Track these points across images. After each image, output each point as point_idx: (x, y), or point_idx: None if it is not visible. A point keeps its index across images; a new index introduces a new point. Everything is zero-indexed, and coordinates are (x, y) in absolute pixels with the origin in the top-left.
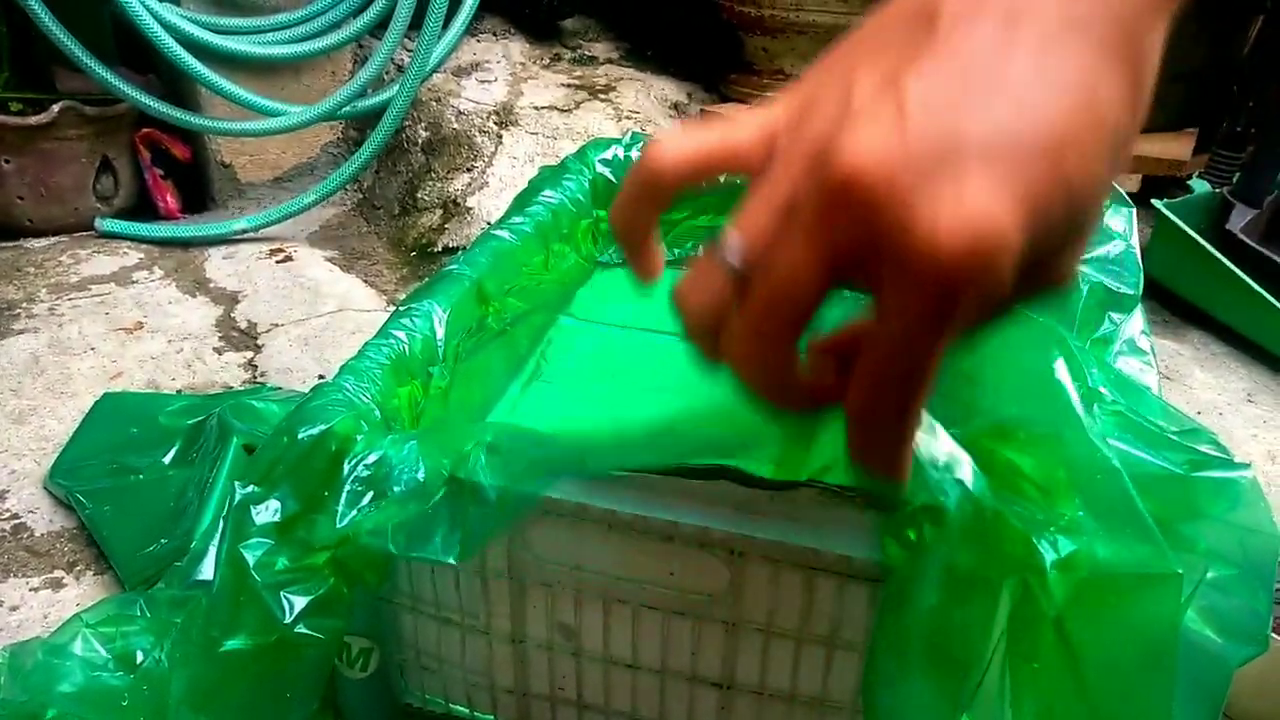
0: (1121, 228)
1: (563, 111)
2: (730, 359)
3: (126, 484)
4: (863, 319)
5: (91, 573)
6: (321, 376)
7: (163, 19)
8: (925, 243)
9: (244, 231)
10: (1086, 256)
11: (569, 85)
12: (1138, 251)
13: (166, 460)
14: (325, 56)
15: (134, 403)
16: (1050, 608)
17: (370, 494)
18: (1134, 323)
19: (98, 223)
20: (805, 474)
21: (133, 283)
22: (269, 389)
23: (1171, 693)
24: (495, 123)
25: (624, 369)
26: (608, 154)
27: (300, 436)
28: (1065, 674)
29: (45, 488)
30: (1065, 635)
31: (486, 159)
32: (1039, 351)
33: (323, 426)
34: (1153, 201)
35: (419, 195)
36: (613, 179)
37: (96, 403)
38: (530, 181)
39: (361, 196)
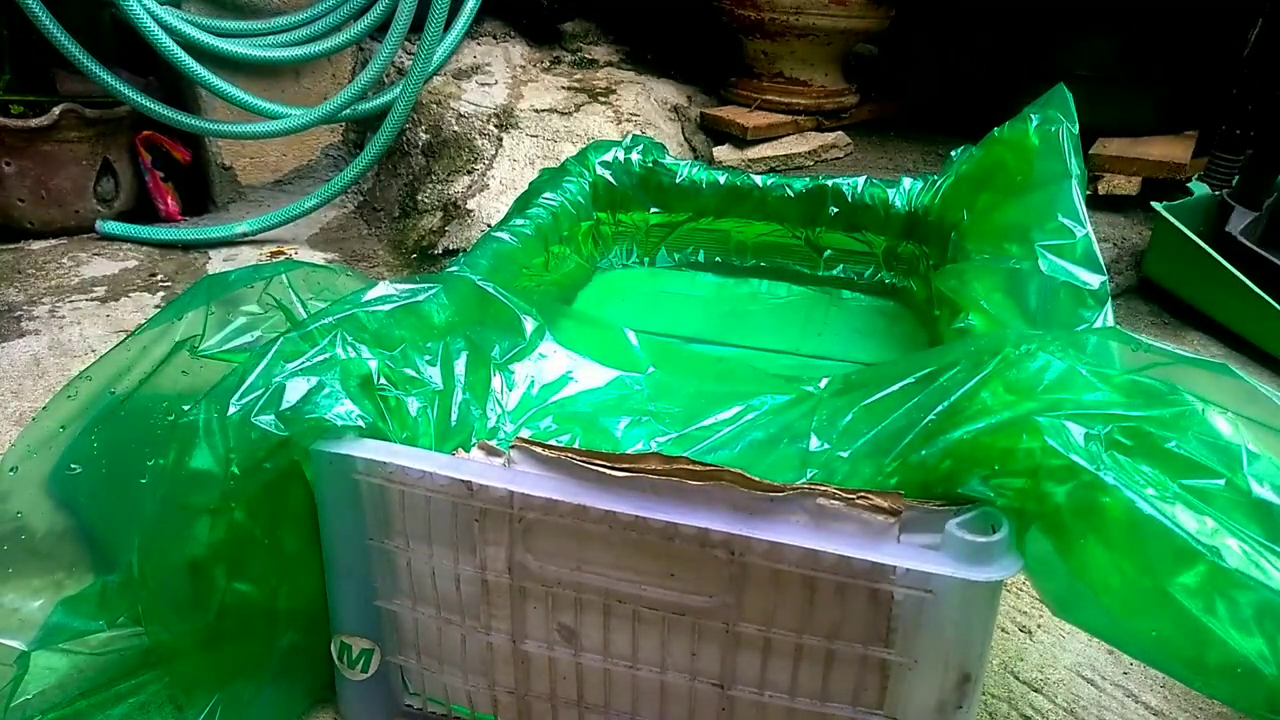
0: (1077, 228)
1: (563, 114)
2: None
3: (128, 486)
4: None
5: (92, 575)
6: None
7: (163, 21)
8: None
9: (245, 235)
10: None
11: (569, 88)
12: (1095, 245)
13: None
14: (326, 59)
15: (135, 404)
16: None
17: None
18: (1106, 319)
19: (98, 225)
20: (804, 477)
21: (134, 285)
22: None
23: None
24: (495, 125)
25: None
26: (608, 156)
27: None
28: None
29: (47, 489)
30: None
31: (487, 161)
32: None
33: None
34: (1152, 204)
35: (419, 198)
36: (613, 181)
37: (98, 404)
38: (530, 184)
39: (362, 199)
